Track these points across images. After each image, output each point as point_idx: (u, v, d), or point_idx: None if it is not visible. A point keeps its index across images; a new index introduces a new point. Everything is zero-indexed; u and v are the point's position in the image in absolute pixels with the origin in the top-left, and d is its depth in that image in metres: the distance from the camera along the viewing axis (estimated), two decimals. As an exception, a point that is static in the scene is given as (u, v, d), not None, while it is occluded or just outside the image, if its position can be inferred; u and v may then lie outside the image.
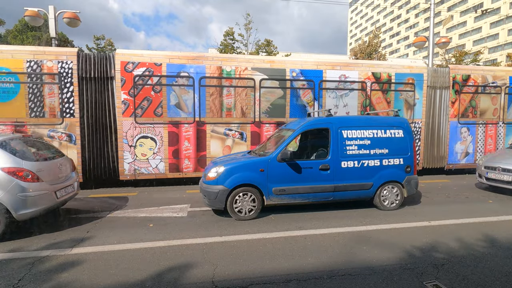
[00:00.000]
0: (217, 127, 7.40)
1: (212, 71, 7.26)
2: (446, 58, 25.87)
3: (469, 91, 8.80)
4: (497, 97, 9.00)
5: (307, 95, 7.82)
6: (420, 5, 65.90)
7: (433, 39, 12.63)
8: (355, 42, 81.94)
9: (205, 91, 7.26)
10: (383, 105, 8.29)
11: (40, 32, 27.21)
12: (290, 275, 3.03)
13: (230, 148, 7.49)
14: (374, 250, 3.63)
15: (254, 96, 7.51)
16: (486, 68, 9.48)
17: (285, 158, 4.87)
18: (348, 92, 8.05)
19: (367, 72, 8.13)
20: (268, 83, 7.58)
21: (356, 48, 29.01)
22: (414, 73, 8.44)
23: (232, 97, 7.43)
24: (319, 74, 7.83)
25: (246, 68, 7.42)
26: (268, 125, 7.66)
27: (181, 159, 7.26)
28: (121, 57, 6.85)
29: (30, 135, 5.15)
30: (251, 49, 24.77)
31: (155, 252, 3.60)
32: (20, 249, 3.70)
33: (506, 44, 54.58)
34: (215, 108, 7.35)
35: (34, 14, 9.86)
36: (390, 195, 5.39)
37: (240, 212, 4.82)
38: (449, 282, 2.88)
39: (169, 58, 7.08)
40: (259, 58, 7.77)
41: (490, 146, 9.04)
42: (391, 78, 8.29)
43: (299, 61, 7.92)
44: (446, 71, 8.77)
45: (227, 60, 7.41)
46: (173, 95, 7.12)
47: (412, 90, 8.43)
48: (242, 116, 7.52)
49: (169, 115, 7.13)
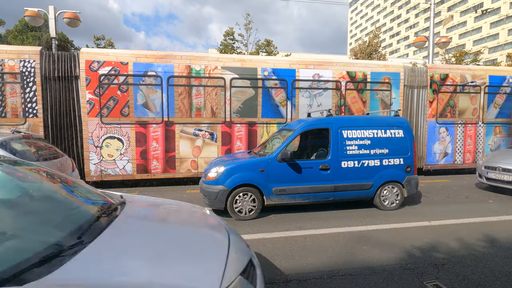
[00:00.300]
0: (186, 127, 7.27)
1: (180, 70, 7.13)
2: (446, 58, 25.87)
3: (447, 91, 8.69)
4: (476, 97, 8.86)
5: (280, 94, 7.69)
6: (420, 5, 65.91)
7: (433, 39, 12.63)
8: (355, 42, 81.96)
9: (173, 90, 7.13)
10: (359, 105, 8.16)
11: (40, 32, 27.24)
12: (290, 275, 3.03)
13: (200, 148, 7.36)
14: (374, 250, 3.63)
15: (224, 95, 7.37)
16: (465, 67, 9.32)
17: (285, 158, 4.87)
18: (322, 92, 7.93)
19: (342, 71, 8.00)
20: (239, 83, 7.44)
21: (356, 48, 29.01)
22: (391, 72, 8.31)
23: (201, 96, 7.29)
24: (292, 73, 7.70)
25: (216, 67, 7.28)
26: (239, 125, 7.52)
27: (149, 160, 7.14)
28: (86, 56, 6.72)
29: (30, 135, 5.15)
30: (251, 49, 24.77)
31: (155, 252, 3.59)
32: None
33: (506, 44, 54.59)
34: (184, 108, 7.22)
35: (34, 14, 9.87)
36: (390, 195, 5.39)
37: (240, 212, 4.82)
38: (449, 282, 2.88)
39: (135, 57, 6.96)
40: (230, 57, 7.63)
41: (470, 147, 8.91)
42: (366, 77, 8.15)
43: (271, 59, 7.83)
44: (424, 70, 8.66)
45: (196, 59, 7.25)
46: (140, 94, 6.99)
47: (388, 90, 8.30)
48: (212, 116, 7.38)
49: (136, 115, 7.00)
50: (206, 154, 7.39)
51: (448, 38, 13.20)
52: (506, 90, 9.04)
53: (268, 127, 7.66)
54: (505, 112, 9.13)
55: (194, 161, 7.34)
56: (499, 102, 9.03)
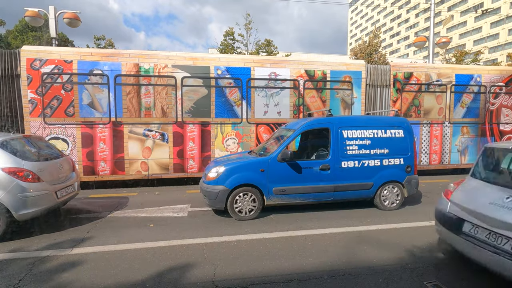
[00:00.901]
0: (135, 128, 7.03)
1: (128, 69, 6.92)
2: (446, 58, 25.87)
3: (411, 90, 8.48)
4: (442, 96, 8.64)
5: (234, 93, 7.45)
6: (420, 5, 65.87)
7: (433, 39, 12.62)
8: (355, 42, 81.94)
9: (121, 89, 6.91)
10: (318, 104, 7.94)
11: (40, 33, 27.23)
12: (291, 275, 3.03)
13: (150, 149, 7.11)
14: (374, 250, 3.63)
15: (175, 95, 7.14)
16: (430, 65, 9.13)
17: (286, 158, 4.87)
18: (280, 91, 7.70)
19: (300, 70, 7.77)
20: (191, 81, 7.21)
21: (356, 48, 28.99)
22: (352, 71, 8.07)
23: (151, 96, 7.07)
24: (247, 71, 7.47)
25: (166, 66, 7.07)
26: (192, 125, 7.29)
27: (96, 161, 6.90)
28: (27, 54, 6.50)
29: (30, 135, 5.14)
30: (251, 49, 24.76)
31: (156, 252, 3.60)
32: (21, 249, 3.70)
33: (506, 44, 54.55)
34: (132, 107, 6.99)
35: (35, 15, 9.88)
36: (391, 195, 5.39)
37: (240, 212, 4.82)
38: (449, 282, 2.88)
39: (80, 55, 6.74)
40: (181, 55, 7.32)
41: (436, 147, 8.69)
42: (326, 76, 7.92)
43: (224, 58, 7.58)
44: (387, 69, 8.44)
45: (145, 57, 7.06)
46: (86, 94, 6.77)
47: (349, 89, 8.06)
48: (163, 116, 7.15)
49: (81, 115, 6.77)
50: (157, 155, 7.16)
51: (448, 38, 13.20)
52: (474, 89, 8.81)
53: (223, 127, 7.45)
54: (473, 112, 8.86)
55: (144, 163, 7.11)
56: (466, 101, 8.78)
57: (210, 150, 7.42)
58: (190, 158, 7.33)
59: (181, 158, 7.28)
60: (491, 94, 8.90)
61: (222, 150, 7.45)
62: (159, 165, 7.19)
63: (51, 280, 2.95)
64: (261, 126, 7.64)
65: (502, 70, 9.19)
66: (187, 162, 7.33)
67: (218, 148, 7.44)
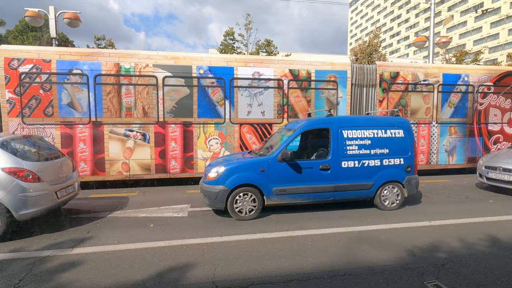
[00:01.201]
0: (116, 128, 6.94)
1: (108, 68, 6.85)
2: (446, 58, 25.86)
3: (398, 89, 8.39)
4: (430, 96, 8.55)
5: (217, 93, 7.36)
6: (420, 5, 65.86)
7: (433, 39, 12.63)
8: (355, 42, 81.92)
9: (101, 89, 6.84)
10: (303, 104, 7.85)
11: (40, 33, 27.23)
12: (291, 275, 3.03)
13: (131, 150, 7.03)
14: (374, 250, 3.63)
15: (157, 94, 7.06)
16: (417, 65, 9.01)
17: (286, 158, 4.87)
18: (263, 90, 7.60)
19: (284, 69, 7.67)
20: (173, 81, 7.12)
21: (356, 48, 28.99)
22: (337, 70, 7.96)
23: (132, 95, 6.98)
24: (230, 71, 7.38)
25: (147, 65, 7.00)
26: (174, 126, 7.20)
27: (76, 161, 6.80)
28: (5, 53, 6.45)
29: (31, 135, 5.14)
30: (251, 49, 24.76)
31: (156, 252, 3.60)
32: (21, 249, 3.70)
33: (506, 43, 54.53)
34: (113, 107, 6.91)
35: (35, 15, 9.89)
36: (391, 195, 5.39)
37: (240, 212, 4.82)
38: (450, 282, 2.88)
39: (59, 54, 6.68)
40: (162, 54, 7.24)
41: (423, 147, 8.60)
42: (310, 76, 7.82)
43: (206, 57, 7.49)
44: (373, 68, 8.33)
45: (126, 56, 6.96)
46: (65, 93, 6.69)
47: (334, 88, 7.96)
48: (144, 116, 7.07)
49: (61, 115, 6.70)
50: (139, 155, 7.07)
51: (448, 38, 13.20)
52: (461, 89, 8.71)
53: (205, 127, 7.36)
54: (461, 112, 8.78)
55: (125, 163, 7.03)
56: (454, 101, 8.70)
57: (192, 150, 7.32)
58: (172, 158, 7.24)
59: (163, 158, 7.20)
60: (479, 93, 8.82)
61: (205, 151, 7.38)
62: (141, 165, 7.11)
63: (51, 280, 2.95)
64: (245, 126, 7.56)
65: (490, 70, 9.12)
66: (169, 162, 7.24)
67: (201, 148, 7.36)
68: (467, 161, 8.87)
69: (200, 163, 7.38)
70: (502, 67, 11.38)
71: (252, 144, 7.60)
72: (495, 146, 9.04)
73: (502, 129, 9.09)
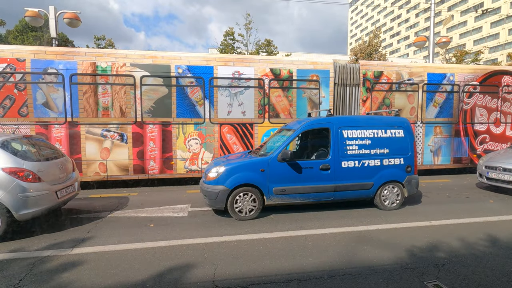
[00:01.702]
0: (93, 128, 6.85)
1: (84, 68, 6.75)
2: (446, 58, 25.86)
3: (382, 89, 8.27)
4: (414, 95, 8.43)
5: (196, 93, 7.26)
6: (420, 5, 65.84)
7: (433, 39, 12.62)
8: (355, 42, 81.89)
9: (77, 89, 6.74)
10: (284, 104, 7.77)
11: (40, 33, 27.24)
12: (291, 275, 3.03)
13: (109, 150, 6.94)
14: (374, 250, 3.63)
15: (134, 94, 6.96)
16: (401, 64, 8.86)
17: (286, 158, 4.87)
18: (244, 90, 7.50)
19: (265, 69, 7.57)
20: (151, 80, 7.04)
21: (357, 48, 29.01)
22: (319, 70, 7.87)
23: (109, 95, 6.88)
24: (209, 70, 7.29)
25: (124, 64, 6.90)
26: (152, 126, 7.10)
27: None
28: None
29: (31, 135, 5.15)
30: (251, 49, 24.78)
31: (156, 252, 3.60)
32: (21, 249, 3.71)
33: (506, 43, 54.51)
34: (89, 107, 6.82)
35: (35, 15, 9.89)
36: (391, 195, 5.38)
37: (240, 212, 4.82)
38: (450, 282, 2.88)
39: (34, 53, 6.56)
40: (140, 53, 7.16)
41: None
42: (292, 75, 7.73)
43: (185, 56, 7.34)
44: (356, 68, 8.22)
45: (102, 55, 6.88)
46: (40, 93, 6.60)
47: (317, 88, 7.87)
48: (122, 116, 6.96)
49: (36, 115, 6.60)
50: (116, 156, 6.97)
51: (448, 38, 13.20)
52: (447, 88, 8.61)
53: (185, 127, 7.26)
54: (446, 111, 8.68)
55: (103, 164, 6.93)
56: (439, 100, 8.60)
57: (171, 150, 7.24)
58: (151, 159, 7.16)
59: (141, 159, 7.10)
60: (465, 93, 8.74)
61: (184, 151, 7.30)
62: (118, 166, 7.02)
63: (51, 280, 2.95)
64: (225, 126, 7.46)
65: (476, 69, 9.01)
66: (148, 163, 7.15)
67: (180, 149, 7.28)
68: (453, 161, 8.80)
69: (179, 164, 7.29)
70: (488, 66, 11.32)
71: (233, 145, 7.54)
72: (481, 146, 8.96)
73: (488, 129, 9.00)
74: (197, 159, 7.38)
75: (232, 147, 7.51)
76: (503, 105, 9.03)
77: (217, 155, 7.43)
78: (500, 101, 8.99)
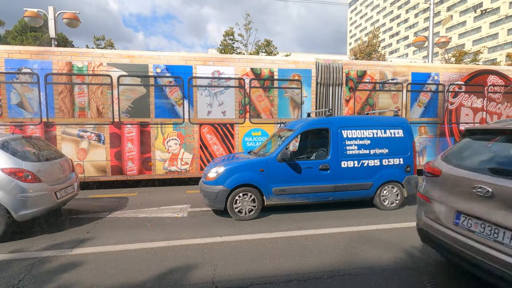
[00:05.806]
0: (69, 129, 6.75)
1: (60, 67, 6.66)
2: (445, 58, 25.90)
3: (365, 88, 8.19)
4: (398, 95, 8.35)
5: (175, 93, 7.17)
6: (419, 5, 65.97)
7: (432, 39, 12.65)
8: (354, 42, 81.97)
9: (52, 88, 6.66)
10: (265, 103, 7.66)
11: (40, 33, 27.23)
12: (291, 275, 3.03)
13: (85, 151, 6.84)
14: (374, 250, 3.63)
15: (111, 94, 6.87)
16: (385, 63, 8.81)
17: (285, 158, 4.87)
18: (224, 90, 7.40)
19: (245, 68, 7.47)
20: (128, 80, 6.94)
21: (356, 48, 29.05)
22: (301, 69, 7.77)
23: (85, 95, 6.80)
24: (188, 70, 7.20)
25: (101, 64, 6.81)
26: (130, 126, 7.00)
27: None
28: None
29: (31, 136, 5.14)
30: (250, 49, 24.79)
31: (156, 252, 3.60)
32: (21, 250, 3.70)
33: (505, 43, 54.63)
34: (65, 107, 6.73)
35: (34, 15, 9.88)
36: (390, 195, 5.39)
37: (240, 212, 4.82)
38: (449, 282, 2.88)
39: (7, 52, 6.48)
40: (117, 53, 7.07)
41: None
42: (273, 75, 7.63)
43: (163, 56, 7.25)
44: (339, 67, 8.06)
45: (78, 55, 6.77)
46: (15, 93, 6.50)
47: (298, 88, 7.77)
48: (99, 116, 6.88)
49: (10, 116, 6.53)
50: (93, 157, 6.88)
51: (447, 38, 13.23)
52: (431, 88, 8.52)
53: (163, 127, 7.17)
54: (431, 111, 8.58)
55: (80, 165, 6.82)
56: (423, 100, 8.51)
57: (150, 151, 7.15)
58: (129, 159, 7.06)
59: (119, 160, 7.01)
60: (450, 93, 8.67)
61: (163, 152, 7.22)
62: (96, 167, 6.93)
63: (50, 281, 2.95)
64: (205, 126, 7.37)
65: (461, 68, 8.92)
66: (126, 164, 7.06)
67: (159, 149, 7.21)
68: None
69: (158, 165, 7.21)
70: (473, 65, 11.20)
71: (213, 145, 7.47)
72: None
73: None
74: (176, 160, 7.30)
75: (212, 148, 7.43)
76: (489, 105, 8.94)
77: (196, 155, 7.36)
78: (486, 100, 8.90)
